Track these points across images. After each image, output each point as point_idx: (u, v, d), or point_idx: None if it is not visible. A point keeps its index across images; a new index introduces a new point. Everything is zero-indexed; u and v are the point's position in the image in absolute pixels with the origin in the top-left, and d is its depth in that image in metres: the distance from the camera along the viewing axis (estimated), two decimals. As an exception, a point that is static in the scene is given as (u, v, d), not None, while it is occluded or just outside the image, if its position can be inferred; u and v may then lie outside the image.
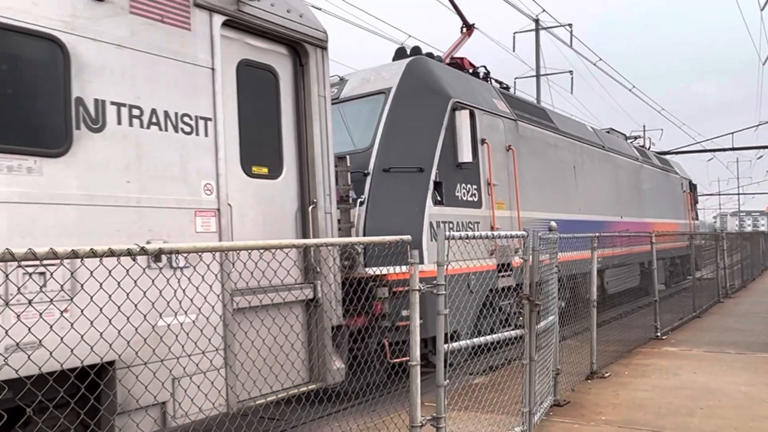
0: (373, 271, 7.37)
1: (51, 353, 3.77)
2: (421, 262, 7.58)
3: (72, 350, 3.72)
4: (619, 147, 18.18)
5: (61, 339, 3.71)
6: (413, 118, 9.53)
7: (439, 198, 9.39)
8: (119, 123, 4.97)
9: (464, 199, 9.96)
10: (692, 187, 26.20)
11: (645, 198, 19.12)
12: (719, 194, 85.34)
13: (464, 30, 13.60)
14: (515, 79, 29.63)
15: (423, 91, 9.85)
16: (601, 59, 29.43)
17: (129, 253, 3.41)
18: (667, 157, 26.17)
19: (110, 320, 4.04)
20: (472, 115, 10.08)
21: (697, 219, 28.24)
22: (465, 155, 9.80)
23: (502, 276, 10.27)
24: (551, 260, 7.32)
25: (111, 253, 3.32)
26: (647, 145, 24.00)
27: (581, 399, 7.68)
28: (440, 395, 5.17)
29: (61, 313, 4.27)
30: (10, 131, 4.37)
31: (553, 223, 7.74)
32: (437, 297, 5.13)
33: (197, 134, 5.54)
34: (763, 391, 7.84)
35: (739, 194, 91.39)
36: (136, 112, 5.08)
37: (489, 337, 5.91)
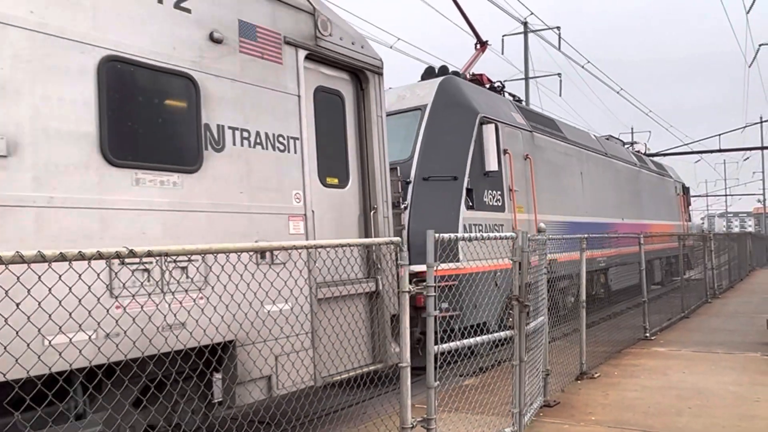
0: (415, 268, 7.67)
1: (191, 332, 4.97)
2: (457, 260, 8.65)
3: (205, 330, 4.92)
4: (619, 153, 19.45)
5: (197, 321, 4.83)
6: (446, 132, 10.79)
7: (470, 203, 10.61)
8: (234, 144, 5.97)
9: (491, 203, 11.25)
10: (685, 189, 27.67)
11: (643, 200, 20.33)
12: (707, 195, 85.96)
13: (478, 46, 14.98)
14: (504, 81, 29.68)
15: (454, 108, 11.10)
16: (589, 62, 29.61)
17: (117, 255, 3.40)
18: (660, 161, 27.12)
19: (227, 306, 5.15)
20: (496, 129, 11.27)
21: (690, 220, 30.09)
22: (492, 165, 11.03)
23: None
24: (540, 261, 7.35)
25: (99, 256, 3.31)
26: (643, 151, 25.34)
27: (571, 399, 7.71)
28: (431, 397, 5.18)
29: (194, 301, 5.27)
30: (162, 153, 5.38)
31: (542, 225, 7.78)
32: (426, 299, 5.14)
33: (288, 151, 6.53)
34: (751, 390, 7.90)
35: (726, 195, 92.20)
36: (245, 134, 6.10)
37: (479, 338, 5.92)
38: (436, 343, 5.21)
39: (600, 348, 10.28)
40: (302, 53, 6.85)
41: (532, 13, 35.33)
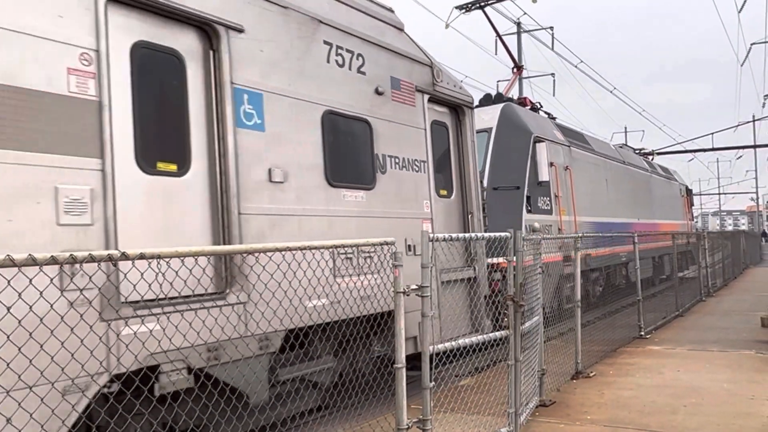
0: (492, 260, 9.60)
1: (378, 302, 6.88)
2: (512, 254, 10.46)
3: (382, 301, 6.56)
4: (634, 161, 21.99)
5: (381, 294, 6.43)
6: (508, 150, 13.30)
7: (529, 208, 13.02)
8: (391, 168, 8.03)
9: (543, 208, 13.66)
10: (688, 191, 30.40)
11: (653, 202, 22.86)
12: (700, 194, 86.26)
13: (515, 70, 17.54)
14: (498, 82, 29.77)
15: (513, 130, 13.60)
16: (582, 61, 29.67)
17: (109, 258, 3.39)
18: (658, 161, 29.56)
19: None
20: (546, 146, 13.86)
21: (693, 220, 32.65)
22: (543, 176, 13.53)
23: (567, 265, 13.03)
24: (535, 261, 7.35)
25: (91, 259, 3.30)
26: (650, 158, 28.13)
27: (567, 399, 7.72)
28: (426, 397, 5.17)
29: (376, 280, 7.09)
30: (355, 176, 7.45)
31: (536, 224, 7.81)
32: (422, 299, 5.12)
33: (421, 172, 8.59)
34: (746, 387, 7.92)
35: (719, 194, 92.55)
36: (397, 160, 8.16)
37: (474, 338, 5.92)
38: (431, 344, 5.20)
39: (595, 347, 10.30)
40: (426, 96, 8.94)
41: (525, 13, 35.39)
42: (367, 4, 8.35)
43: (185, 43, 5.89)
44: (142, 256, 3.56)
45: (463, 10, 17.84)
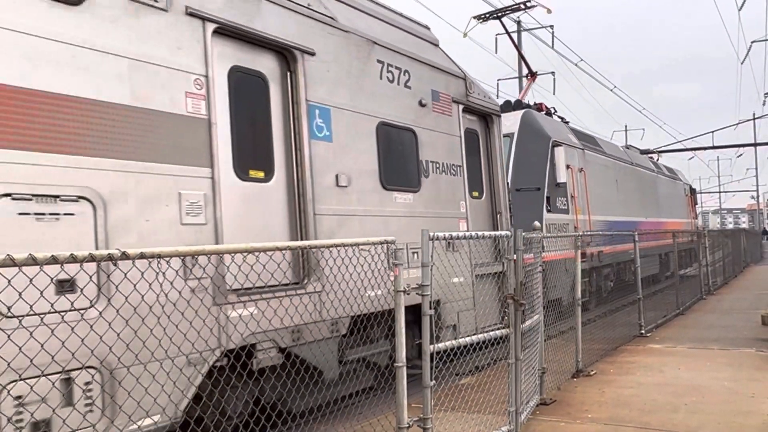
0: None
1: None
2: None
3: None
4: (641, 162, 23.25)
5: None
6: (529, 153, 14.43)
7: (549, 207, 14.14)
8: (433, 172, 8.97)
9: (560, 207, 14.77)
10: (692, 191, 31.79)
11: (659, 201, 24.03)
12: (701, 192, 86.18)
13: (529, 76, 18.44)
14: (498, 80, 29.85)
15: (533, 135, 14.74)
16: (582, 59, 29.63)
17: (110, 257, 3.39)
18: (658, 161, 30.55)
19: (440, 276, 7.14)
20: (563, 149, 14.92)
21: (697, 218, 34.31)
22: (561, 177, 14.63)
23: (583, 261, 13.84)
24: (535, 259, 7.35)
25: (92, 258, 3.30)
26: (655, 158, 29.74)
27: (567, 397, 7.72)
28: (426, 396, 5.17)
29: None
30: (404, 180, 8.40)
31: (537, 223, 7.80)
32: (423, 298, 5.13)
33: (457, 175, 9.54)
34: (747, 386, 7.92)
35: (720, 192, 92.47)
36: (437, 165, 9.10)
37: (474, 337, 5.92)
38: (431, 343, 5.20)
39: (596, 345, 10.30)
40: (460, 107, 9.86)
41: (525, 11, 35.33)
42: (409, 23, 9.47)
43: (268, 66, 6.84)
44: (142, 256, 3.56)
45: (481, 20, 18.96)
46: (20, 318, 4.04)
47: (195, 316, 4.93)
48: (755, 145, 44.15)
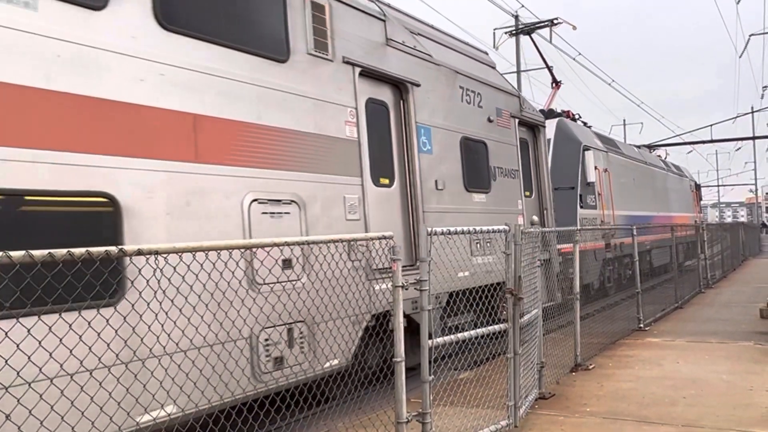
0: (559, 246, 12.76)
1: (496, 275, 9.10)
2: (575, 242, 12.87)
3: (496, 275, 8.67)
4: (653, 161, 25.62)
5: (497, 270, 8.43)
6: (564, 157, 16.65)
7: (581, 204, 16.39)
8: (498, 176, 10.82)
9: (590, 204, 17.02)
10: (697, 186, 34.97)
11: (669, 197, 26.41)
12: (699, 186, 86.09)
13: (554, 85, 20.35)
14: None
15: (567, 141, 17.02)
16: (580, 53, 29.61)
17: (107, 254, 3.39)
18: (667, 158, 32.98)
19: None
20: (592, 153, 17.24)
21: (701, 212, 37.50)
22: (590, 177, 16.90)
23: (608, 251, 17.12)
24: (534, 255, 7.35)
25: (88, 255, 3.30)
26: (664, 157, 31.62)
27: (566, 391, 7.73)
28: (425, 391, 5.18)
29: (494, 258, 9.80)
30: (480, 183, 10.24)
31: (535, 218, 7.83)
32: (421, 293, 5.13)
33: (515, 178, 11.45)
34: (745, 379, 7.94)
35: (718, 186, 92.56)
36: (501, 170, 10.94)
37: (473, 332, 5.92)
38: (430, 338, 5.20)
39: (594, 339, 10.31)
40: (516, 120, 11.77)
41: (522, 6, 35.30)
42: (475, 51, 11.48)
43: (388, 96, 8.69)
44: (139, 252, 3.57)
45: (511, 34, 21.22)
46: (270, 284, 6.15)
47: (356, 288, 6.77)
48: (754, 138, 44.16)
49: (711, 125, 37.75)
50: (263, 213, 6.40)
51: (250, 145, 6.40)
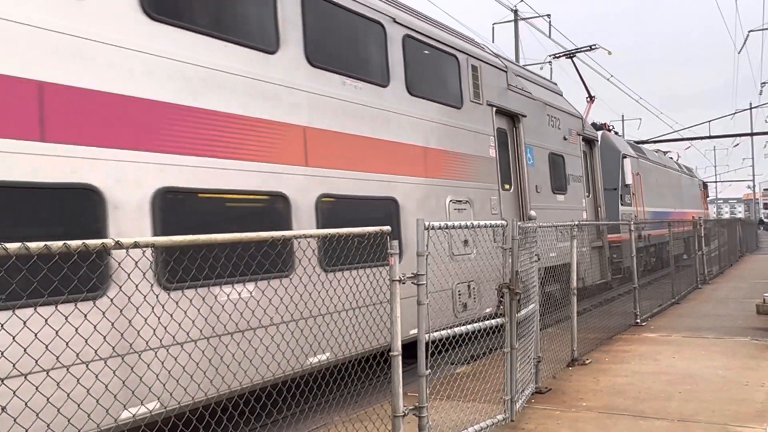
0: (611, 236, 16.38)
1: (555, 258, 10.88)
2: (619, 233, 17.02)
3: (558, 258, 10.96)
4: (669, 164, 30.03)
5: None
6: (607, 163, 19.25)
7: (621, 202, 19.83)
8: (571, 181, 14.41)
9: (627, 202, 20.61)
10: (704, 185, 40.03)
11: (682, 195, 30.49)
12: (706, 185, 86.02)
13: (588, 99, 22.34)
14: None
15: (609, 150, 20.18)
16: (579, 49, 29.51)
17: (104, 247, 3.39)
18: (679, 160, 38.42)
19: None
20: (630, 160, 20.86)
21: (708, 209, 42.27)
22: (628, 180, 20.42)
23: (639, 241, 19.03)
24: (531, 249, 7.35)
25: (85, 247, 3.30)
26: (676, 159, 36.67)
27: (562, 386, 7.75)
28: (422, 385, 5.18)
29: (552, 247, 11.08)
30: (560, 186, 13.87)
31: (533, 213, 7.83)
32: (418, 287, 5.12)
33: (580, 183, 14.79)
34: (741, 374, 7.96)
35: (716, 182, 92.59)
36: (572, 176, 14.42)
37: (470, 326, 5.93)
38: (426, 332, 5.20)
39: (591, 334, 10.33)
40: (580, 137, 15.25)
41: (522, 0, 35.21)
42: (552, 85, 15.27)
43: (506, 125, 11.95)
44: (136, 245, 3.56)
45: (555, 57, 24.46)
46: (459, 256, 9.60)
47: (497, 260, 7.67)
48: (752, 134, 44.18)
49: (709, 121, 37.79)
50: (455, 208, 9.84)
51: (448, 165, 9.87)
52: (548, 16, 28.96)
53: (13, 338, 3.44)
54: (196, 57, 6.09)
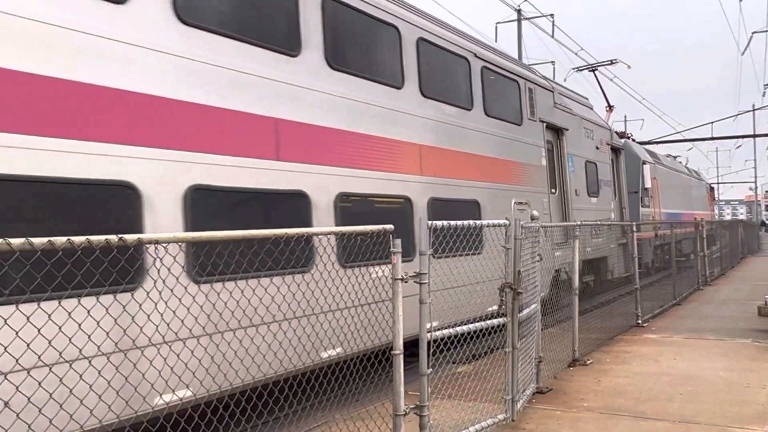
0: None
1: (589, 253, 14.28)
2: (640, 231, 16.48)
3: (591, 253, 14.43)
4: (680, 168, 32.71)
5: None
6: (629, 169, 20.81)
7: (642, 204, 21.99)
8: (602, 186, 16.54)
9: (647, 204, 22.90)
10: (711, 188, 43.15)
11: (691, 198, 33.45)
12: (713, 188, 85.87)
13: (607, 109, 23.78)
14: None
15: (631, 157, 21.82)
16: (582, 49, 29.60)
17: (107, 243, 3.39)
18: (687, 165, 41.09)
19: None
20: (648, 166, 23.18)
21: (714, 211, 45.75)
22: (647, 184, 22.75)
23: (657, 240, 23.26)
24: (533, 249, 7.35)
25: (88, 243, 3.30)
26: (685, 164, 38.51)
27: (563, 386, 7.75)
28: (423, 384, 5.18)
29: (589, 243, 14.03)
30: (594, 190, 15.98)
31: (535, 212, 7.81)
32: (420, 286, 5.11)
33: (609, 187, 17.21)
34: (742, 376, 7.96)
35: (718, 183, 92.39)
36: (603, 181, 16.63)
37: (472, 326, 5.93)
38: (428, 331, 5.20)
39: (592, 335, 10.33)
40: (609, 146, 17.41)
41: (525, 0, 35.13)
42: (585, 100, 17.02)
43: (552, 137, 13.88)
44: (140, 242, 3.57)
45: (578, 70, 26.05)
46: (557, 245, 12.24)
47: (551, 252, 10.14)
48: (754, 136, 44.10)
49: (712, 122, 37.74)
50: (517, 208, 11.58)
51: (512, 173, 11.77)
52: (551, 15, 28.94)
53: (59, 328, 3.72)
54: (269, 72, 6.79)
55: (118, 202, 5.19)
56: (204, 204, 5.85)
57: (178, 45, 5.81)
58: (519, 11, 28.85)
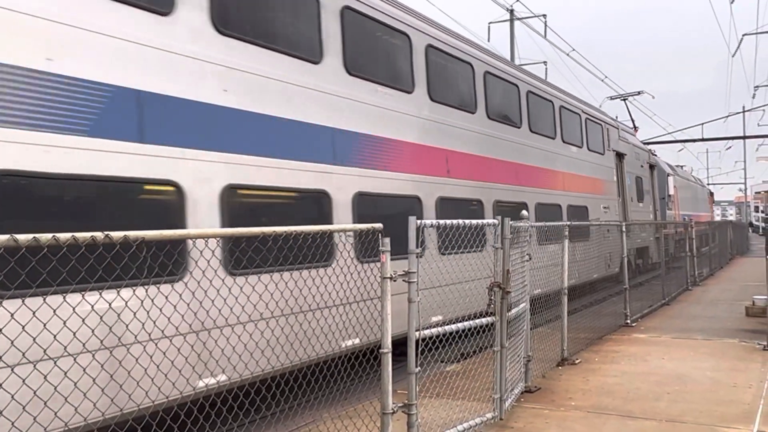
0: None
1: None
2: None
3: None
4: (688, 176, 39.16)
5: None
6: (657, 180, 25.84)
7: (667, 208, 27.88)
8: (645, 194, 23.86)
9: (670, 208, 28.65)
10: (711, 193, 51.48)
11: (696, 201, 39.35)
12: (712, 193, 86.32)
13: (633, 129, 27.12)
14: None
15: (660, 171, 26.60)
16: (574, 49, 29.65)
17: (93, 240, 3.37)
18: (692, 172, 48.16)
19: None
20: (672, 177, 29.76)
21: (713, 212, 53.12)
22: (671, 191, 29.22)
23: (675, 236, 26.22)
24: (522, 248, 7.35)
25: (74, 240, 3.28)
26: (690, 172, 45.67)
27: (552, 385, 7.77)
28: (411, 382, 5.18)
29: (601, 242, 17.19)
30: (640, 197, 22.66)
31: (525, 212, 7.81)
32: (409, 285, 5.11)
33: (649, 195, 24.24)
34: (729, 375, 8.01)
35: (708, 184, 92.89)
36: (645, 190, 23.72)
37: (460, 325, 5.93)
38: (417, 329, 5.20)
39: (581, 335, 10.36)
40: (648, 164, 24.08)
41: (518, 0, 35.23)
42: (632, 131, 23.61)
43: (617, 160, 19.73)
44: (126, 239, 3.55)
45: (611, 99, 30.31)
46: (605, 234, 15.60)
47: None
48: (744, 138, 44.39)
49: (702, 123, 37.95)
50: (603, 211, 16.28)
51: (601, 187, 17.05)
52: (544, 16, 29.01)
53: (118, 316, 4.58)
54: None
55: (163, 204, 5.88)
56: (239, 202, 6.56)
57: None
58: (511, 11, 28.91)
